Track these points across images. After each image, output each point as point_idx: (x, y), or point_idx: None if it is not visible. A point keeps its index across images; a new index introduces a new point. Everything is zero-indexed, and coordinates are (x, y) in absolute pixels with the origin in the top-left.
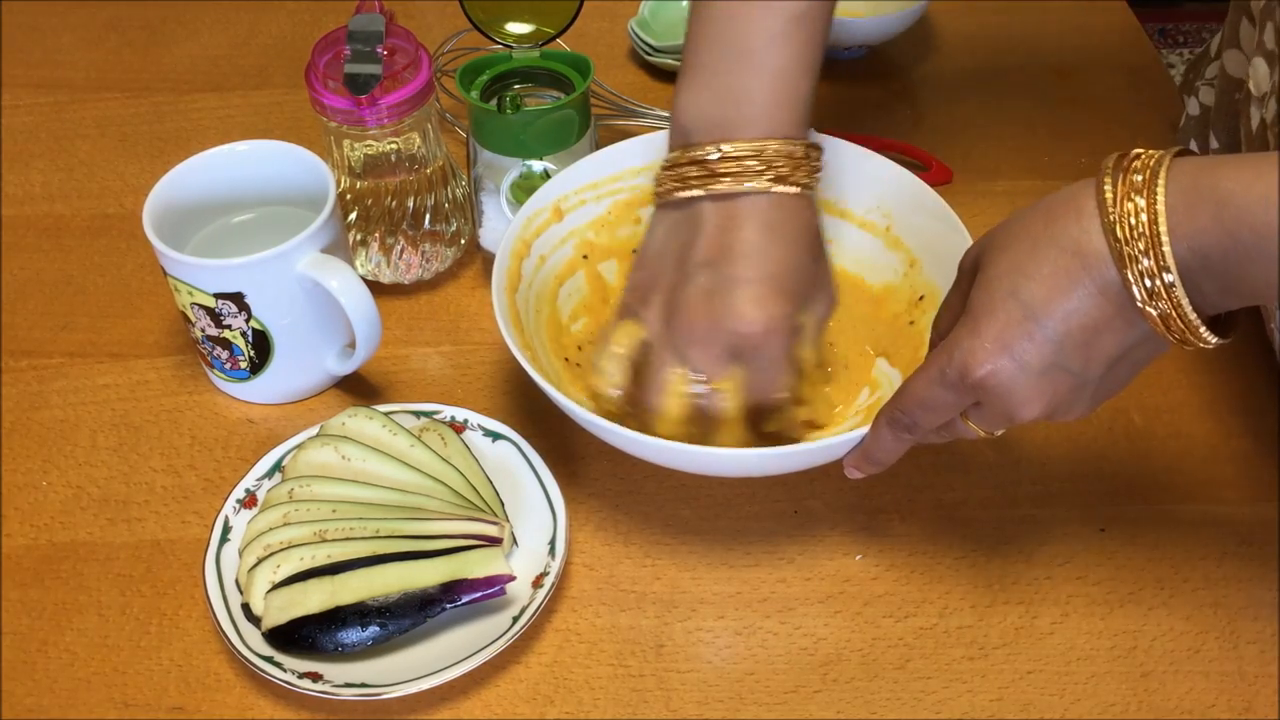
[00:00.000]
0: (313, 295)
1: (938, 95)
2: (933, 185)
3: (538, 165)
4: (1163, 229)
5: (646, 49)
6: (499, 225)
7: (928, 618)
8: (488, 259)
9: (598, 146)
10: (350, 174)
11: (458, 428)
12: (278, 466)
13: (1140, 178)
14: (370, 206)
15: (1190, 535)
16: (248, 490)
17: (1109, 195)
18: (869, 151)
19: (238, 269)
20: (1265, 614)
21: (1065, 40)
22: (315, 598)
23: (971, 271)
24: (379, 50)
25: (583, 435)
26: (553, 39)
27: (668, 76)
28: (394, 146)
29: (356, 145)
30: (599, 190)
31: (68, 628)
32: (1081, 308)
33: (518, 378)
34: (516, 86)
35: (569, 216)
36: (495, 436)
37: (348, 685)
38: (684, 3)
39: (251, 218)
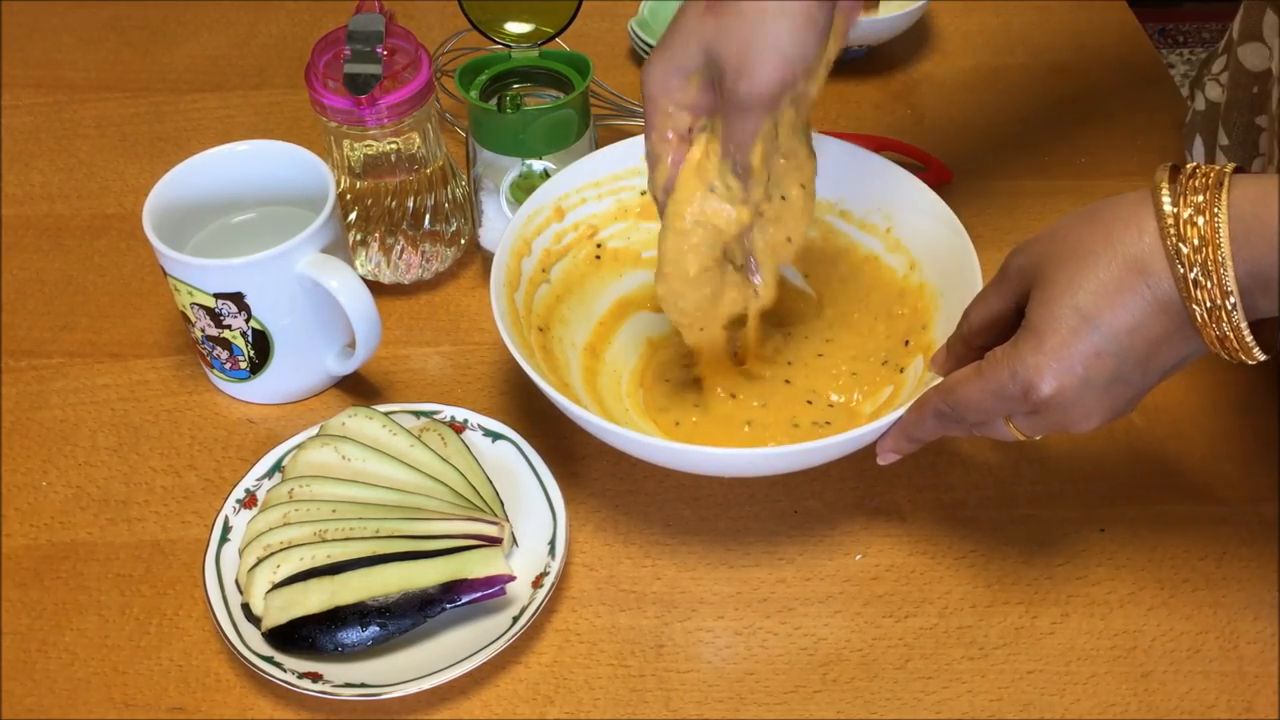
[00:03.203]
0: (313, 295)
1: (938, 95)
2: (933, 185)
3: (537, 165)
4: (1226, 255)
5: (646, 49)
6: (499, 225)
7: (928, 618)
8: (487, 259)
9: (597, 146)
10: (350, 174)
11: (458, 428)
12: (278, 466)
13: (1201, 198)
14: (370, 206)
15: (1190, 535)
16: (248, 490)
17: (1169, 216)
18: (869, 152)
19: (238, 269)
20: (1265, 614)
21: (1065, 40)
22: (315, 598)
23: (1020, 276)
24: (379, 50)
25: (583, 435)
26: (552, 39)
27: None
28: (394, 146)
29: (356, 145)
30: (600, 189)
31: (68, 628)
32: (1144, 324)
33: (518, 378)
34: (516, 86)
35: (569, 215)
36: (495, 436)
37: (348, 685)
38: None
39: (251, 218)
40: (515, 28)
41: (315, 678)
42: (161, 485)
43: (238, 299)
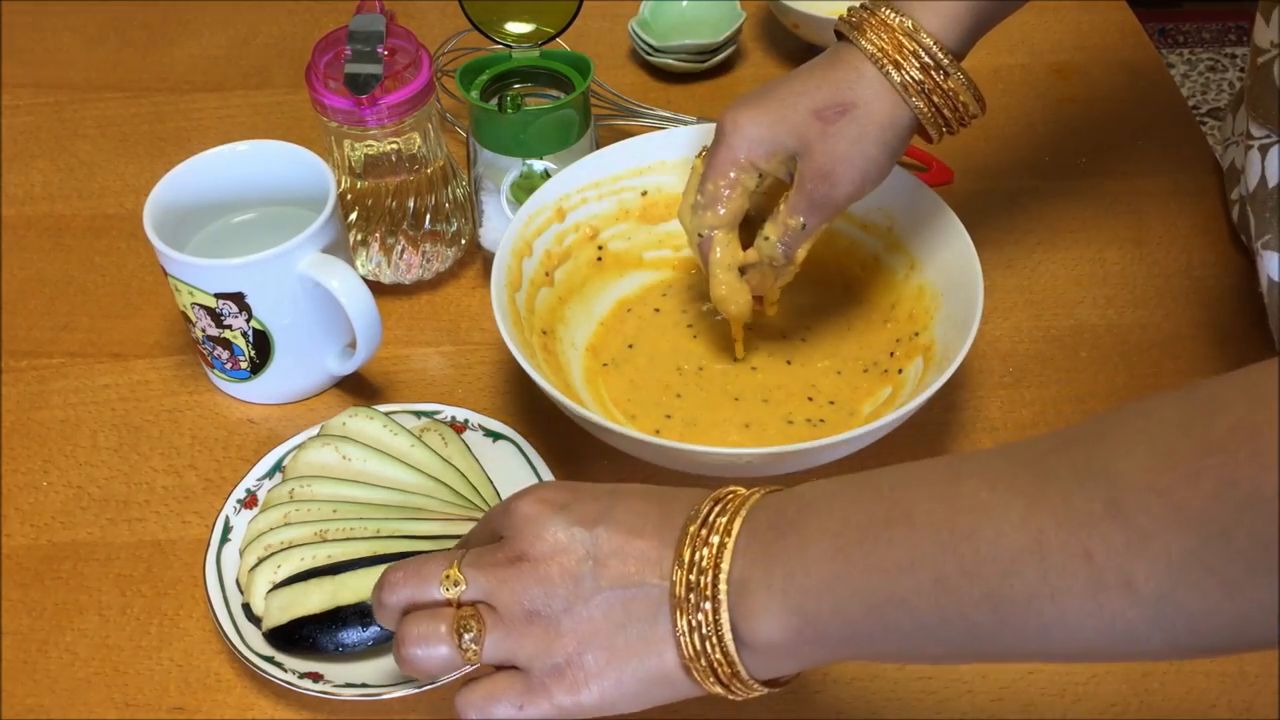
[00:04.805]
0: (313, 295)
1: None
2: (933, 185)
3: (538, 165)
4: (724, 564)
5: (646, 49)
6: (499, 225)
7: None
8: (488, 259)
9: (598, 146)
10: (351, 174)
11: (458, 428)
12: (278, 466)
13: (715, 538)
14: (371, 206)
15: None
16: (248, 490)
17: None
18: None
19: (238, 269)
20: None
21: (1065, 40)
22: (316, 598)
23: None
24: (379, 50)
25: (583, 435)
26: (552, 39)
27: (668, 76)
28: (394, 146)
29: (357, 145)
30: (601, 190)
31: (68, 628)
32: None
33: (518, 378)
34: (516, 86)
35: (570, 216)
36: (495, 436)
37: (348, 685)
38: (684, 3)
39: (251, 218)
40: (516, 28)
41: (316, 678)
42: (162, 485)
43: (238, 299)
